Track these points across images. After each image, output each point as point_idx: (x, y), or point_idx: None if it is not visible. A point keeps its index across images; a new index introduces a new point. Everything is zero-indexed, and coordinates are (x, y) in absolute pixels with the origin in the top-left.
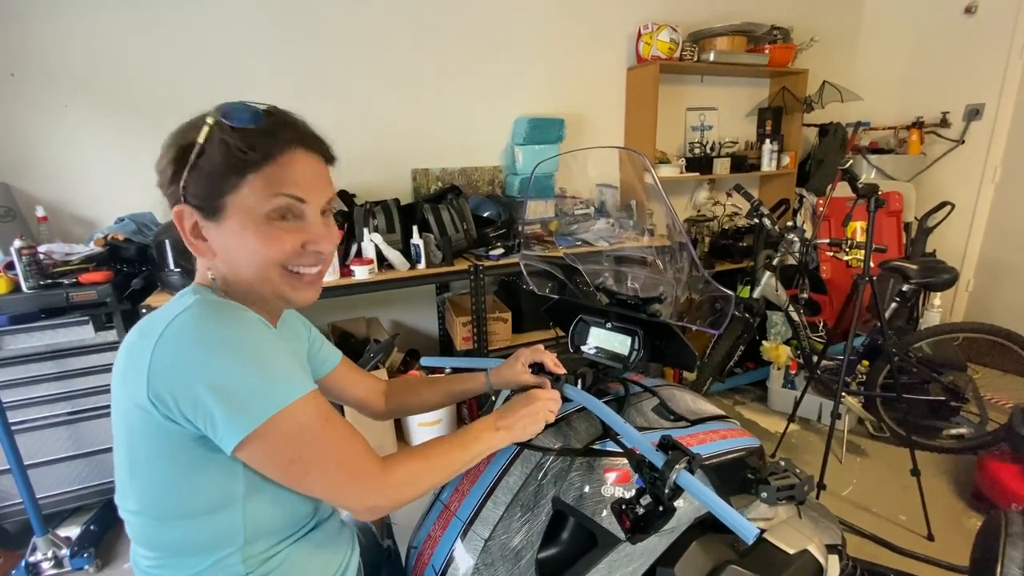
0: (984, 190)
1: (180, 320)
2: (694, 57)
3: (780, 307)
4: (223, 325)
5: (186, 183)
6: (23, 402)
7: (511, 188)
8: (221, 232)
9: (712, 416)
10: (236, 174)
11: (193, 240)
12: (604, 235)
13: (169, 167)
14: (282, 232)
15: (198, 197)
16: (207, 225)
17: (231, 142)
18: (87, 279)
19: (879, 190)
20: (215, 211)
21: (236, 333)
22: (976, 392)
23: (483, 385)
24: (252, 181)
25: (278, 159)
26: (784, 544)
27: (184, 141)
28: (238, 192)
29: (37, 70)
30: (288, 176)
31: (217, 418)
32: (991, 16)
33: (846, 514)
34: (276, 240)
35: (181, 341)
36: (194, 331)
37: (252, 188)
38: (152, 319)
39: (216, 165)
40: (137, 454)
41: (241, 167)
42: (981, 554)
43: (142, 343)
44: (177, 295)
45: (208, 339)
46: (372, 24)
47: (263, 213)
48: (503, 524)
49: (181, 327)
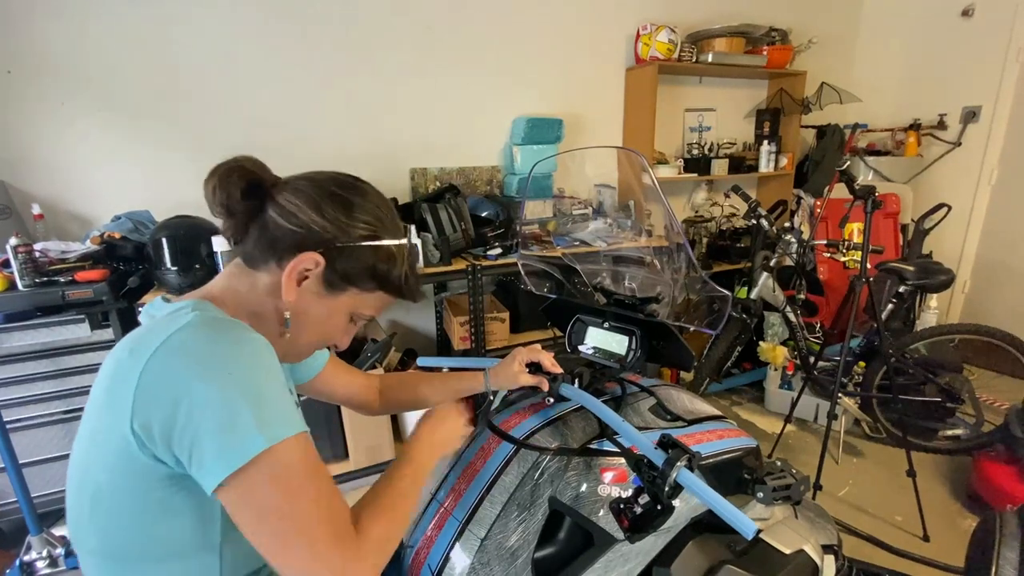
0: (981, 192)
1: (177, 338)
2: (692, 58)
3: (777, 308)
4: (225, 345)
5: (343, 251)
6: (18, 400)
7: (509, 188)
8: (318, 298)
9: (709, 416)
10: (376, 285)
11: (289, 280)
12: (602, 235)
13: (344, 229)
14: (345, 327)
15: (341, 270)
16: (315, 284)
17: (406, 272)
18: (83, 277)
19: (876, 192)
20: (336, 287)
21: (237, 355)
22: (972, 393)
23: (481, 384)
24: (378, 296)
25: (394, 298)
26: (780, 544)
27: (377, 231)
28: (364, 295)
29: (33, 67)
30: (386, 305)
31: (205, 449)
32: (988, 19)
33: (842, 514)
34: (339, 331)
35: (175, 361)
36: (191, 350)
37: (373, 300)
38: (145, 335)
39: (383, 273)
40: (102, 486)
41: (382, 286)
42: (976, 555)
43: (131, 361)
44: (173, 308)
45: (206, 360)
46: (371, 24)
47: (356, 314)
48: (499, 523)
49: (177, 346)
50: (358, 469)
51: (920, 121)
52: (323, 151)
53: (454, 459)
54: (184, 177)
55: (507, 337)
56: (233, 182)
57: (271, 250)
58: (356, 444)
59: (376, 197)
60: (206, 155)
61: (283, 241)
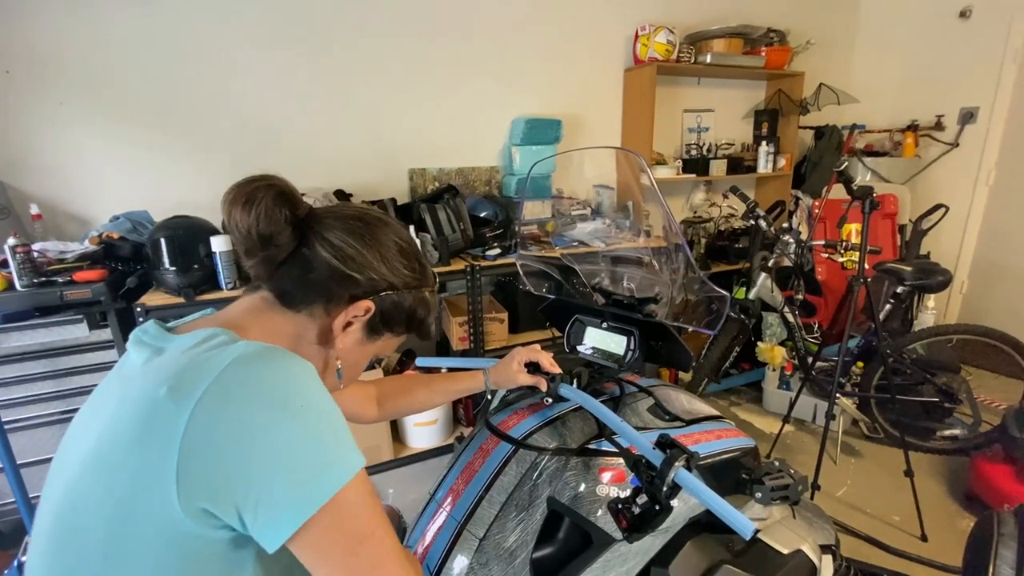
0: (978, 193)
1: (232, 376)
2: (691, 59)
3: (775, 308)
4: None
5: (391, 300)
6: (16, 401)
7: (508, 188)
8: (358, 342)
9: (707, 416)
10: (406, 329)
11: (339, 327)
12: (600, 236)
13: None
14: (364, 366)
15: (386, 317)
16: (359, 329)
17: (426, 315)
18: (81, 277)
19: (874, 192)
20: (376, 333)
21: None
22: (969, 394)
23: (480, 384)
24: (403, 339)
25: (420, 339)
26: (778, 544)
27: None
28: (395, 339)
29: (32, 67)
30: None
31: (276, 501)
32: (985, 20)
33: (840, 514)
34: (359, 372)
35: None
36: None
37: (397, 343)
38: (184, 372)
39: (411, 315)
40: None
41: (410, 329)
42: (973, 554)
43: (173, 405)
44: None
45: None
46: (370, 24)
47: (379, 355)
48: (498, 524)
49: (235, 387)
50: None
51: (918, 122)
52: (322, 151)
53: (453, 459)
54: (182, 177)
55: (506, 337)
56: (277, 209)
57: (320, 292)
58: None
59: (409, 237)
60: (204, 155)
61: (333, 282)
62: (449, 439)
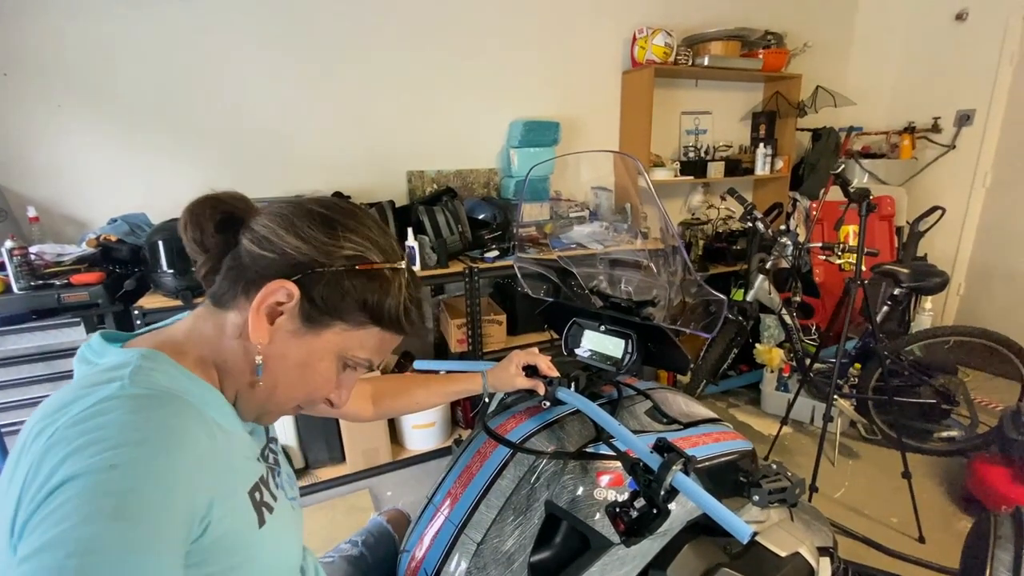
0: (975, 195)
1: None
2: (689, 61)
3: (773, 310)
4: (133, 442)
5: (322, 277)
6: (13, 404)
7: (506, 191)
8: (298, 338)
9: (705, 419)
10: (368, 319)
11: (261, 318)
12: (598, 238)
13: (322, 249)
14: (333, 377)
15: (322, 301)
16: (292, 320)
17: (403, 301)
18: (79, 280)
19: (871, 194)
20: (316, 322)
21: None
22: (966, 395)
23: (478, 386)
24: (372, 333)
25: (394, 335)
26: (776, 546)
27: (364, 251)
28: (349, 329)
29: (30, 70)
30: (383, 348)
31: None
32: (981, 23)
33: (838, 516)
34: (328, 381)
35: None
36: (93, 430)
37: (366, 338)
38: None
39: (374, 302)
40: None
41: (375, 319)
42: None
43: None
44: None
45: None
46: (369, 26)
47: (346, 356)
48: (496, 527)
49: (82, 423)
50: (355, 472)
51: (914, 124)
52: (320, 153)
53: (451, 462)
54: (180, 180)
55: (504, 339)
56: (206, 215)
57: (239, 282)
58: (353, 447)
59: (368, 218)
60: (202, 157)
61: (252, 270)
62: (447, 442)
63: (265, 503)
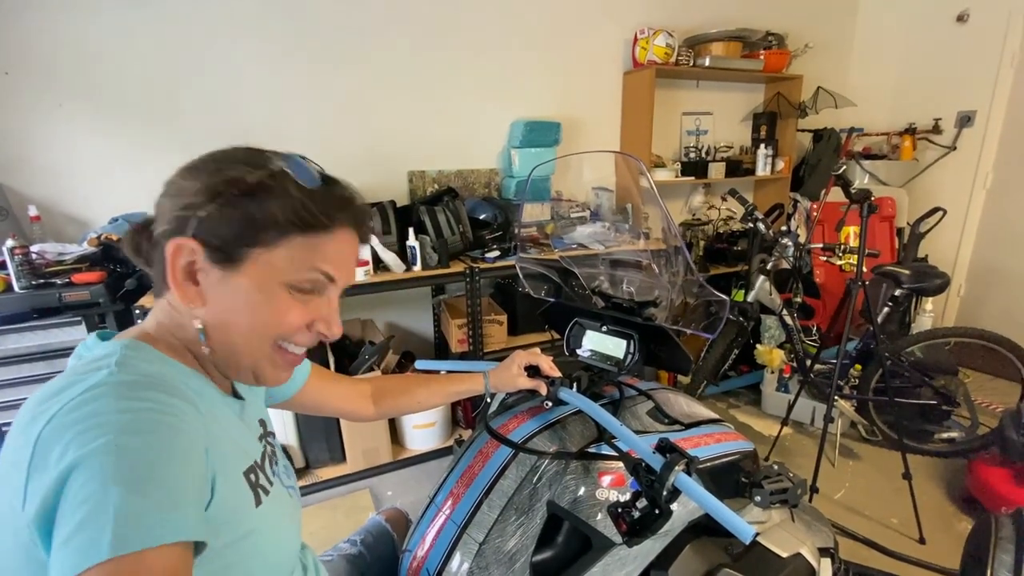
0: (976, 196)
1: (78, 401)
2: (690, 62)
3: (774, 311)
4: (145, 415)
5: (209, 218)
6: (14, 403)
7: (507, 191)
8: (226, 284)
9: (706, 420)
10: (281, 231)
11: (183, 282)
12: (599, 238)
13: (195, 194)
14: (296, 305)
15: (220, 238)
16: (210, 271)
17: (294, 198)
18: (80, 279)
19: (872, 195)
20: (230, 259)
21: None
22: (967, 396)
23: (479, 386)
24: (294, 244)
25: (331, 232)
26: (777, 547)
27: (233, 174)
28: (271, 249)
29: (31, 69)
30: (332, 253)
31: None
32: (982, 25)
33: (838, 517)
34: (289, 313)
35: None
36: (86, 420)
37: (291, 252)
38: (53, 392)
39: (265, 214)
40: None
41: (290, 226)
42: (971, 557)
43: (32, 426)
44: (97, 355)
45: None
46: (370, 26)
47: (288, 280)
48: (498, 527)
49: (74, 413)
50: (355, 472)
51: (915, 125)
52: (321, 153)
53: (452, 462)
54: None
55: (505, 340)
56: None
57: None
58: (353, 447)
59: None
60: None
61: (158, 246)
62: (448, 441)
63: (261, 485)
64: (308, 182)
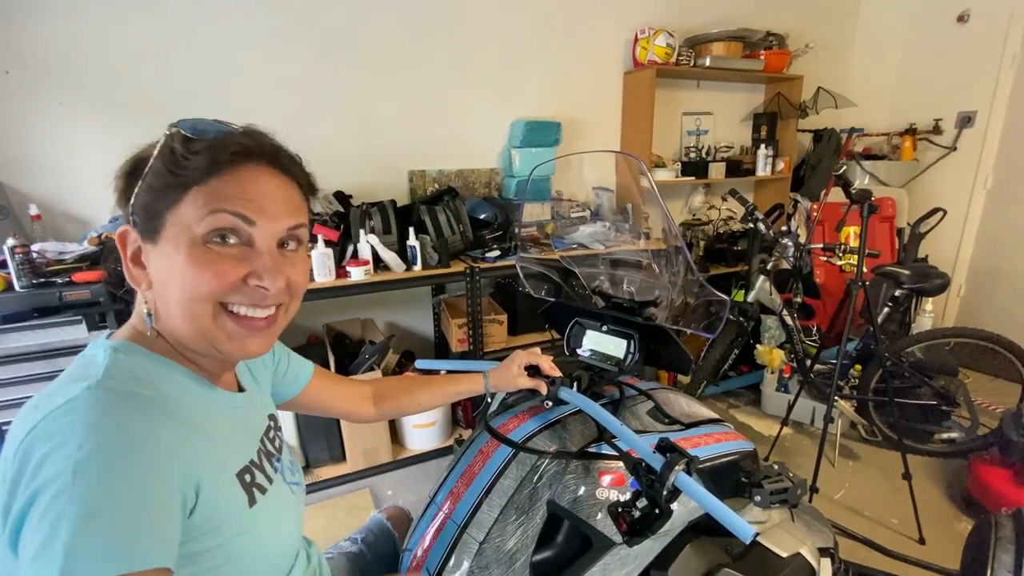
0: (976, 196)
1: (62, 412)
2: (690, 62)
3: (774, 311)
4: (110, 438)
5: (135, 200)
6: (14, 402)
7: (508, 190)
8: (157, 257)
9: (707, 419)
10: (178, 187)
11: (132, 267)
12: (600, 238)
13: (120, 181)
14: (219, 258)
15: (139, 215)
16: (146, 249)
17: (177, 149)
18: (80, 278)
19: (872, 196)
20: (153, 231)
21: (119, 458)
22: (967, 396)
23: (479, 386)
24: (194, 194)
25: (227, 171)
26: (777, 547)
27: (140, 153)
28: (177, 208)
29: (32, 68)
30: (235, 191)
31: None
32: (983, 25)
33: (838, 517)
34: (212, 267)
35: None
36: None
37: (192, 203)
38: (47, 393)
39: (159, 176)
40: None
41: (183, 178)
42: (971, 558)
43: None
44: (89, 356)
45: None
46: (370, 26)
47: (200, 233)
48: (498, 527)
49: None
50: (355, 471)
51: (916, 126)
52: (321, 153)
53: (452, 462)
54: None
55: (505, 339)
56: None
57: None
58: (353, 446)
59: None
60: None
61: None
62: (448, 441)
63: (257, 484)
64: (196, 133)
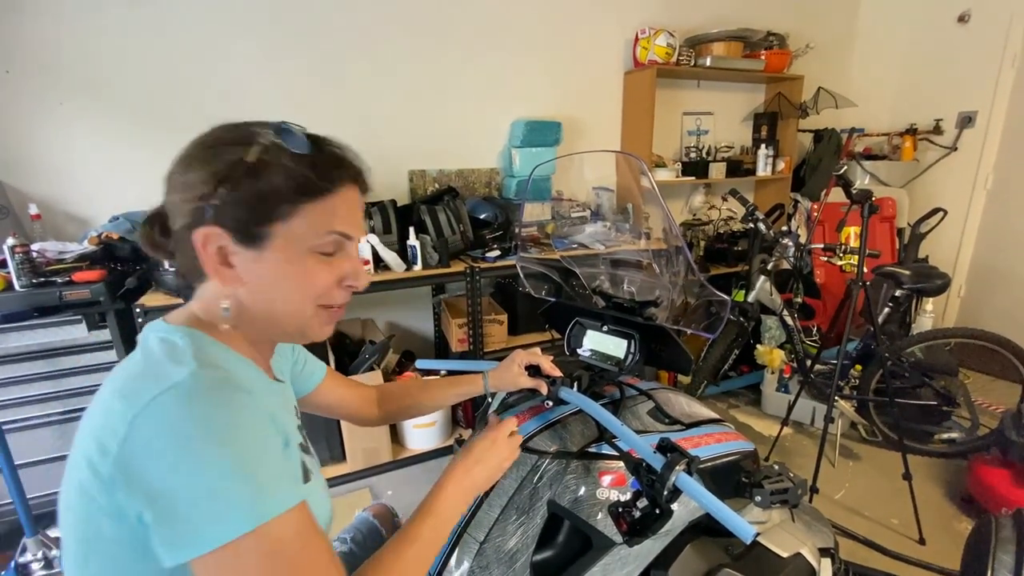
0: (976, 197)
1: (169, 397)
2: (691, 62)
3: (774, 311)
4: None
5: (223, 204)
6: (14, 401)
7: (508, 190)
8: (258, 261)
9: (707, 419)
10: (291, 202)
11: (219, 267)
12: (600, 238)
13: (202, 184)
14: (324, 266)
15: (237, 220)
16: (238, 251)
17: (294, 168)
18: (80, 278)
19: (873, 196)
20: (255, 238)
21: (231, 425)
22: (967, 397)
23: (479, 387)
24: (307, 212)
25: (336, 192)
26: (777, 547)
27: (231, 157)
28: (288, 222)
29: (32, 67)
30: (341, 211)
31: (192, 515)
32: (983, 25)
33: (839, 517)
34: (320, 275)
35: (167, 424)
36: (185, 416)
37: (306, 219)
38: (137, 381)
39: (271, 189)
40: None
41: (298, 196)
42: (972, 558)
43: (123, 409)
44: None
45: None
46: (370, 25)
47: (312, 246)
48: (498, 527)
49: (170, 407)
50: (355, 471)
51: (916, 126)
52: None
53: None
54: None
55: (505, 339)
56: (151, 227)
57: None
58: (353, 446)
59: (215, 129)
60: None
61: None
62: (448, 441)
63: (307, 466)
64: (300, 149)
